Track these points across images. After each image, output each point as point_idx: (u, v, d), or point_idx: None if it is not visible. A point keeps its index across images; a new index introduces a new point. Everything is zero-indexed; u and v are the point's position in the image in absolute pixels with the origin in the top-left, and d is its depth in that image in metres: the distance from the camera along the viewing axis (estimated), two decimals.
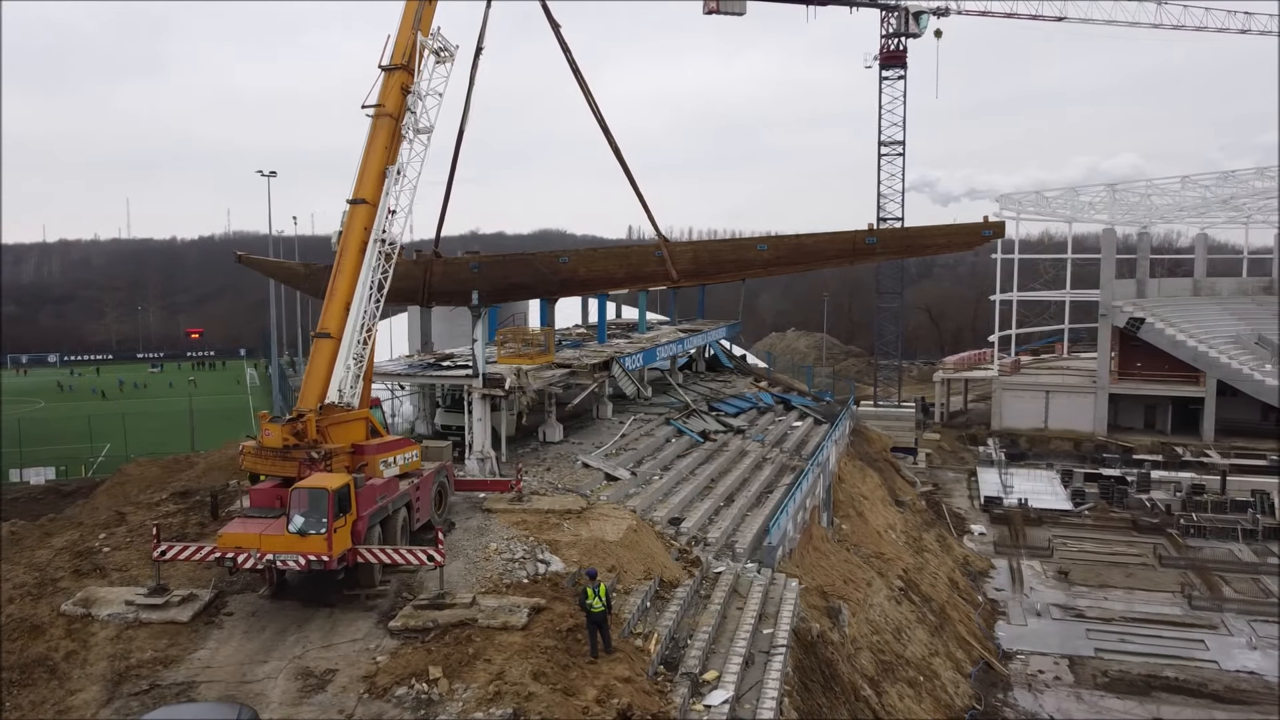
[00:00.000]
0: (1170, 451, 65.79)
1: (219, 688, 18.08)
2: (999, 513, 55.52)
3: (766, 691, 20.66)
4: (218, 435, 75.39)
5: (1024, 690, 35.88)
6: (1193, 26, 67.30)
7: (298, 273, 32.41)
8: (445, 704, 17.43)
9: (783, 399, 48.04)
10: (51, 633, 20.14)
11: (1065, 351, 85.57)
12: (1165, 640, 39.53)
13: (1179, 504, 55.63)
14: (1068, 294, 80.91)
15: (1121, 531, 53.05)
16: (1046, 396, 71.59)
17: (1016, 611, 42.86)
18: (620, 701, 17.92)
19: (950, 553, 46.46)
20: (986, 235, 28.68)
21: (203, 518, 27.14)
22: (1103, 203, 74.70)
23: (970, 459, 68.60)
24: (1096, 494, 57.97)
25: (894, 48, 63.42)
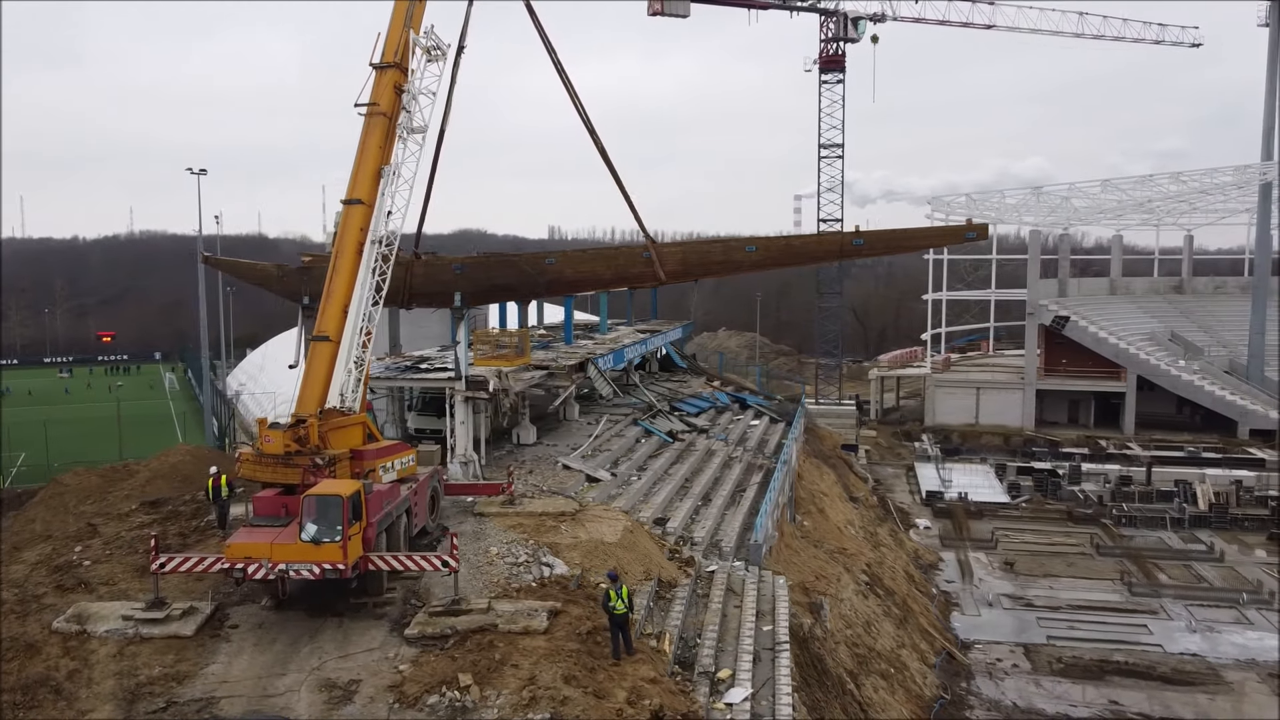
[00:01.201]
0: (1095, 444, 68.42)
1: (241, 703, 17.59)
2: (941, 507, 57.00)
3: (780, 688, 20.96)
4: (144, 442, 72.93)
5: (986, 679, 36.94)
6: (1112, 36, 70.22)
7: (270, 274, 31.59)
8: (480, 711, 17.27)
9: (738, 398, 48.61)
10: (48, 651, 19.32)
11: (991, 349, 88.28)
12: (1111, 626, 41.11)
13: (1109, 495, 57.85)
14: (993, 293, 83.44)
15: (1058, 522, 54.97)
16: (977, 393, 73.73)
17: (969, 602, 44.10)
18: (652, 702, 18.01)
19: (903, 547, 47.60)
20: (970, 237, 29.54)
21: (182, 527, 26.31)
22: (1026, 205, 77.33)
23: (906, 454, 70.26)
24: (1031, 487, 59.99)
25: (833, 52, 64.71)
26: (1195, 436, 69.44)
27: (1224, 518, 53.63)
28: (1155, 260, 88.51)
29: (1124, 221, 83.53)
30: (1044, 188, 73.84)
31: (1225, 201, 79.39)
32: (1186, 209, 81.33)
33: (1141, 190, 72.93)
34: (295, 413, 22.48)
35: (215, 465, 26.79)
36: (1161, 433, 70.47)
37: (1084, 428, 73.43)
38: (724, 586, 25.75)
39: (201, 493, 29.99)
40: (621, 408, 40.88)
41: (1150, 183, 72.52)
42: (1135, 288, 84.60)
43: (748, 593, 25.67)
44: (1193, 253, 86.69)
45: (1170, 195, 74.98)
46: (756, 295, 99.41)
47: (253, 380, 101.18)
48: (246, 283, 35.15)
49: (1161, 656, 38.31)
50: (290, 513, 20.69)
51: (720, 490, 34.15)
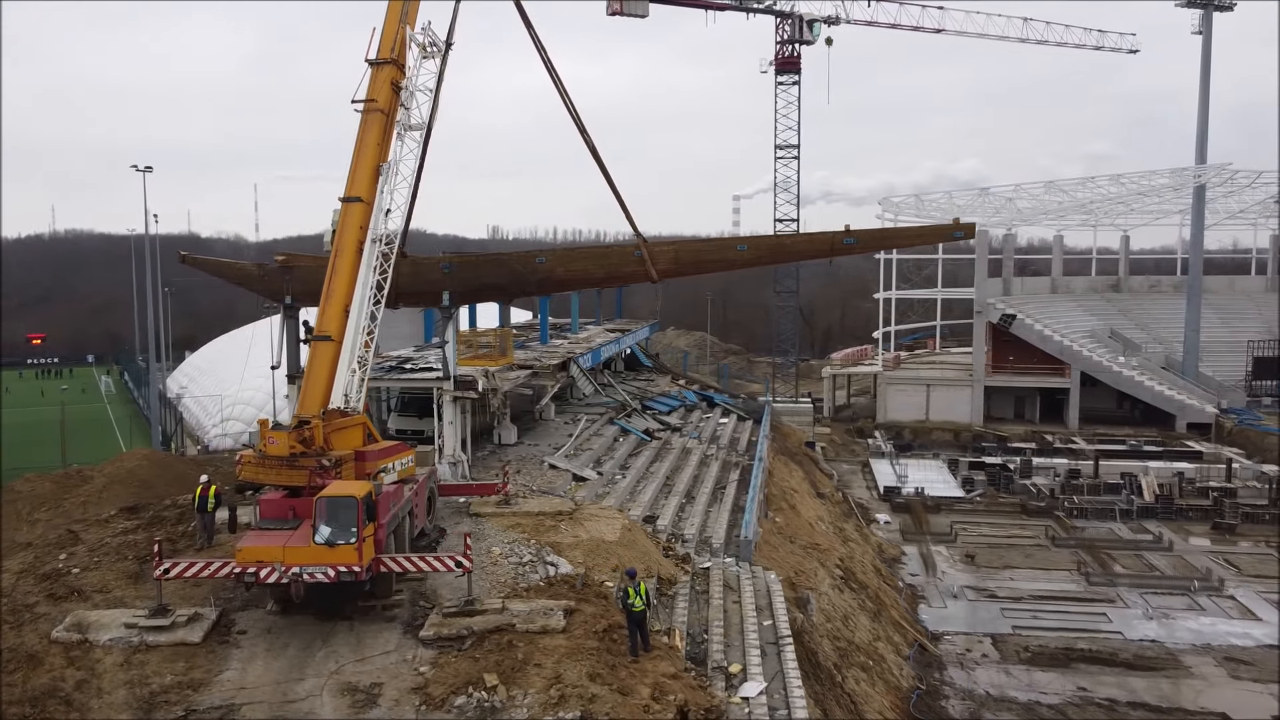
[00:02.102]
0: (1041, 439, 70.24)
1: (262, 709, 17.31)
2: (900, 502, 57.99)
3: (790, 681, 21.25)
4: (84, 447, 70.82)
5: (957, 669, 37.74)
6: (1054, 41, 72.24)
7: (250, 273, 30.94)
8: (509, 711, 17.23)
9: (705, 396, 48.94)
10: (51, 661, 18.76)
11: (937, 347, 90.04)
12: (1072, 615, 42.24)
13: (1059, 488, 59.44)
14: (939, 292, 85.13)
15: (1012, 515, 56.31)
16: (927, 390, 75.15)
17: (934, 595, 44.97)
18: (676, 698, 18.14)
19: (868, 541, 48.38)
20: (957, 236, 30.16)
21: (169, 533, 25.68)
22: (972, 205, 79.08)
23: (860, 451, 71.34)
24: (984, 481, 61.34)
25: (788, 54, 65.49)
26: (1136, 430, 71.72)
27: (1169, 509, 55.43)
28: (1093, 260, 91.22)
29: (1065, 222, 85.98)
30: (990, 188, 75.70)
31: (1160, 203, 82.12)
32: (1123, 210, 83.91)
33: (1083, 191, 75.13)
34: (297, 414, 22.12)
35: (206, 474, 26.07)
36: (1104, 427, 72.59)
37: (1030, 423, 75.33)
38: (721, 583, 25.98)
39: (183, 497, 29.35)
40: (595, 407, 40.91)
41: (1091, 184, 74.74)
42: (1075, 286, 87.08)
43: (744, 588, 25.94)
44: (1129, 253, 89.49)
45: (1110, 197, 77.35)
46: (708, 295, 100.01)
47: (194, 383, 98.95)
48: (227, 281, 34.48)
49: (1122, 643, 39.49)
50: (298, 515, 20.38)
51: (702, 488, 34.42)
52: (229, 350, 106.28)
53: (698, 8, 63.09)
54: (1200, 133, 72.86)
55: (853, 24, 66.21)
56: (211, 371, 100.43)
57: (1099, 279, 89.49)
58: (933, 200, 79.32)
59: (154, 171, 63.08)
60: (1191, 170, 72.78)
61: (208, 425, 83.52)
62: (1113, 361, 74.03)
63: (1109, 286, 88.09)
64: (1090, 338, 77.62)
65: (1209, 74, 72.45)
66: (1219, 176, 74.28)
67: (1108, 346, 77.22)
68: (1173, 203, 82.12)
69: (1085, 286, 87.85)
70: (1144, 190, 75.47)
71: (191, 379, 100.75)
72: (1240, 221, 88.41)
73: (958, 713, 34.52)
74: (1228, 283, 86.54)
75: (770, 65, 65.97)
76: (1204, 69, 72.68)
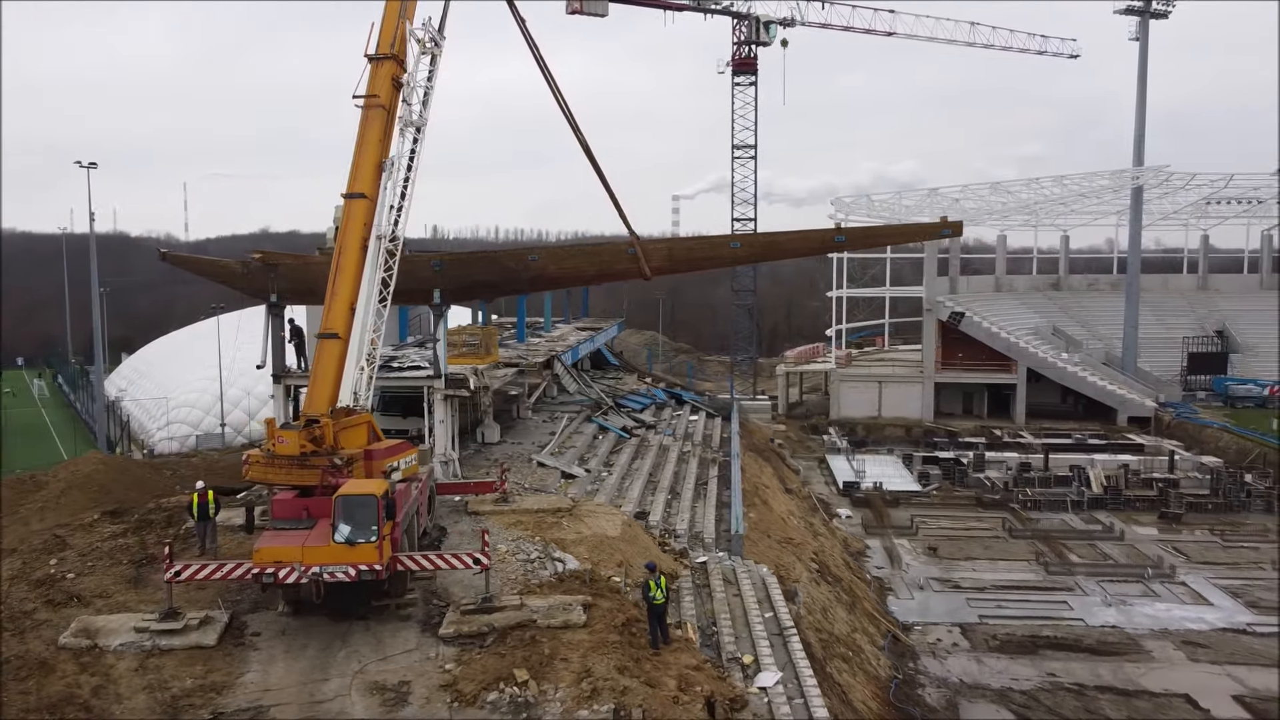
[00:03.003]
0: (990, 434, 72.02)
1: (291, 710, 17.14)
2: (860, 496, 58.91)
3: (802, 671, 21.64)
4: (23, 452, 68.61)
5: (930, 658, 38.57)
6: (1000, 46, 74.10)
7: (234, 271, 30.32)
8: (543, 705, 17.30)
9: (673, 394, 49.26)
10: (63, 669, 18.32)
11: (886, 344, 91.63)
12: (1035, 604, 43.37)
13: (1011, 481, 60.94)
14: (887, 291, 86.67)
15: (968, 508, 57.60)
16: (879, 387, 76.44)
17: (901, 587, 45.84)
18: (702, 689, 18.37)
19: (834, 535, 49.13)
20: (945, 234, 30.83)
21: (160, 536, 25.15)
22: (921, 206, 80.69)
23: (816, 447, 72.30)
24: (939, 475, 62.61)
25: (745, 55, 66.17)
26: (1080, 424, 73.88)
27: (1118, 499, 57.20)
28: (1034, 259, 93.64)
29: (1008, 222, 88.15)
30: (939, 189, 77.29)
31: (1099, 204, 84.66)
32: (1064, 211, 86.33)
33: (1027, 193, 77.20)
34: (305, 412, 21.86)
35: (202, 480, 25.44)
36: (1049, 421, 74.63)
37: (978, 418, 77.15)
38: (720, 576, 26.29)
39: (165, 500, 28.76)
40: (570, 405, 40.96)
41: (1035, 185, 76.82)
42: (1018, 285, 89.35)
43: (742, 582, 26.32)
44: (1069, 252, 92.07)
45: (1052, 198, 79.55)
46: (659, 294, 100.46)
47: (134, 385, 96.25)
48: (209, 279, 33.74)
49: (1085, 630, 40.70)
50: (312, 514, 20.16)
51: (685, 484, 34.73)
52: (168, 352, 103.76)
53: (656, 8, 63.44)
54: (1138, 136, 75.36)
55: (807, 26, 67.22)
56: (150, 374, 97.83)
57: (1040, 277, 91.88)
58: (882, 201, 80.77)
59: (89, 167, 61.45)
60: (1130, 172, 75.19)
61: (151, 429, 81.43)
62: (1056, 358, 76.14)
63: (1050, 285, 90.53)
64: (1034, 335, 79.75)
65: (1146, 79, 74.96)
66: (1156, 178, 76.86)
67: (1051, 343, 79.39)
68: (1110, 204, 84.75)
69: (1027, 285, 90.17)
70: (1085, 192, 77.82)
71: (131, 382, 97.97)
72: (1173, 222, 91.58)
73: (934, 701, 35.31)
74: (1161, 281, 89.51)
75: (727, 66, 66.63)
76: (1141, 74, 75.16)
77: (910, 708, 33.81)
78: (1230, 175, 78.30)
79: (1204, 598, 43.03)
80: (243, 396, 79.31)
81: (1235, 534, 51.76)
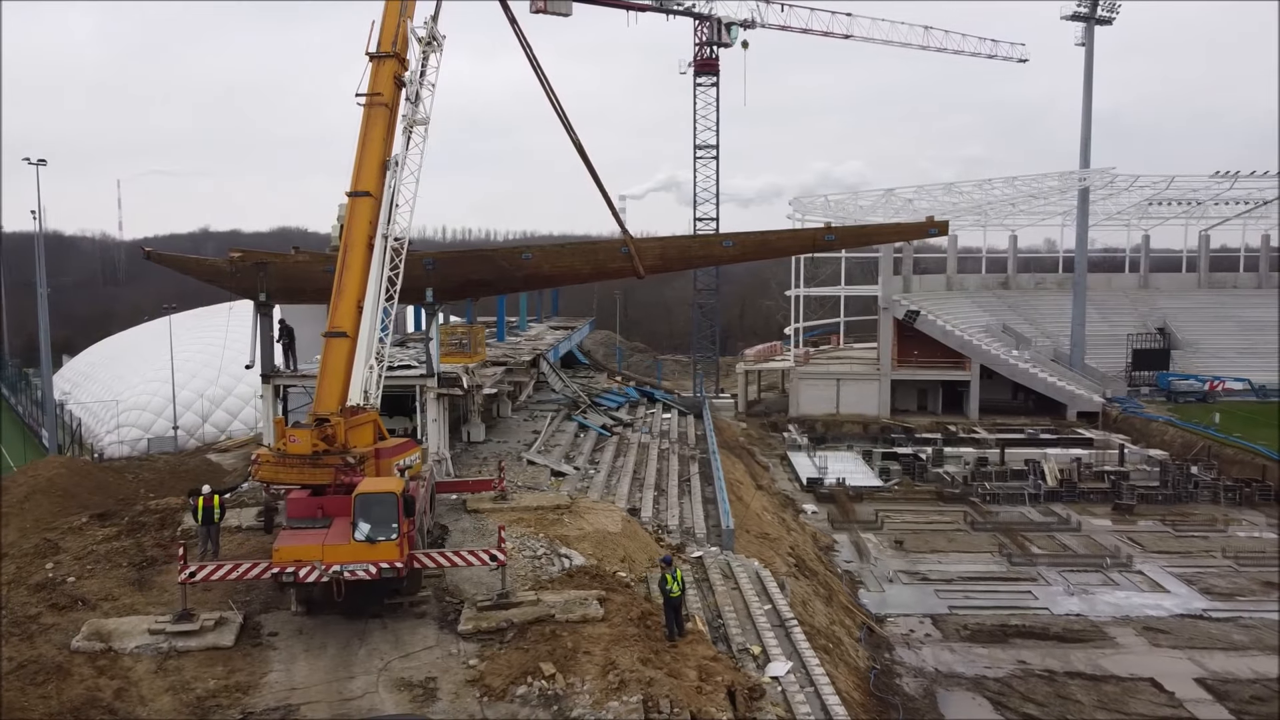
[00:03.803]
0: (945, 430, 73.51)
1: (322, 708, 17.15)
2: (824, 492, 59.74)
3: (809, 660, 22.13)
4: None
5: (905, 648, 39.43)
6: (953, 50, 75.79)
7: (221, 270, 29.88)
8: (572, 698, 17.52)
9: (645, 393, 49.61)
10: (80, 672, 18.10)
11: (841, 342, 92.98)
12: (1001, 594, 44.51)
13: (970, 475, 62.33)
14: (843, 290, 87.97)
15: (930, 502, 58.80)
16: (837, 384, 77.58)
17: (870, 580, 46.73)
18: (723, 679, 18.75)
19: (804, 530, 49.88)
20: (932, 233, 31.59)
21: (156, 538, 24.87)
22: (877, 206, 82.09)
23: (777, 444, 73.09)
24: (900, 470, 63.81)
25: (707, 56, 66.80)
26: (1031, 419, 75.79)
27: (1073, 492, 58.81)
28: (983, 258, 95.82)
29: (960, 222, 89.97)
30: (894, 190, 78.69)
31: (1046, 205, 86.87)
32: (1012, 211, 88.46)
33: (979, 193, 78.98)
34: (315, 411, 21.77)
35: (208, 484, 25.04)
36: (1001, 417, 76.40)
37: (933, 414, 78.70)
38: (717, 570, 26.69)
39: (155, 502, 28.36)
40: (546, 404, 41.09)
41: (987, 186, 78.63)
42: (969, 284, 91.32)
43: (739, 575, 26.73)
44: (1017, 251, 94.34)
45: (1002, 199, 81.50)
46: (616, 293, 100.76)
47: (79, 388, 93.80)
48: (195, 278, 33.20)
49: (1051, 618, 41.89)
50: (327, 513, 20.13)
51: (669, 480, 35.11)
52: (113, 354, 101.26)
53: (619, 8, 63.79)
54: (1084, 138, 77.50)
55: (767, 28, 68.09)
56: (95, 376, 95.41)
57: (989, 276, 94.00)
58: (838, 201, 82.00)
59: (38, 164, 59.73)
60: (1077, 174, 77.32)
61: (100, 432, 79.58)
62: (1008, 355, 78.01)
63: (999, 284, 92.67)
64: (985, 332, 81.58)
65: (1091, 84, 77.17)
66: (1101, 180, 79.14)
67: (1002, 341, 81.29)
68: (1057, 205, 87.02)
69: (978, 284, 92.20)
70: (1035, 193, 79.85)
71: (75, 385, 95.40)
72: (1116, 222, 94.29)
73: (913, 689, 36.14)
74: (1105, 280, 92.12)
75: (689, 67, 67.24)
76: (1087, 79, 77.35)
77: (890, 697, 34.63)
78: (1171, 177, 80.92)
79: (1161, 585, 44.46)
80: (195, 399, 77.86)
81: (1185, 523, 53.55)
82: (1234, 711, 32.16)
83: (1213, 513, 55.12)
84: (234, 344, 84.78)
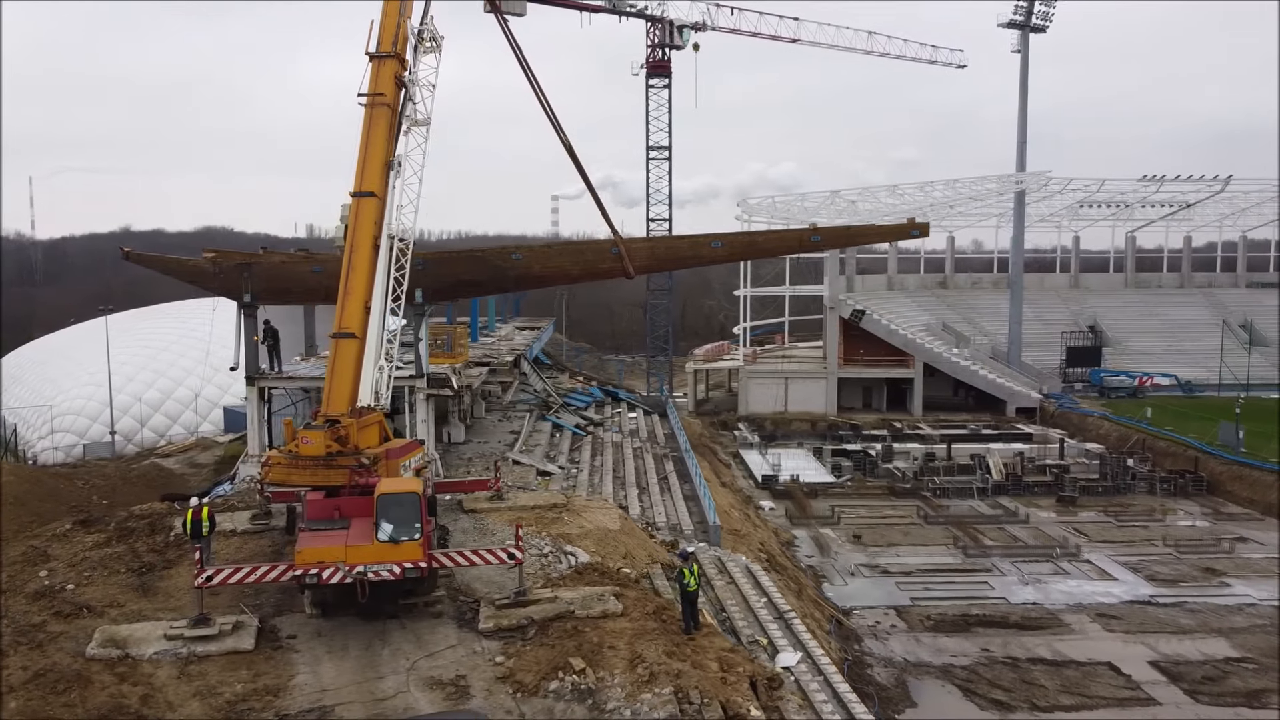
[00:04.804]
0: (891, 426, 75.19)
1: (358, 708, 17.15)
2: (780, 489, 60.71)
3: (814, 650, 22.69)
4: None
5: (873, 640, 40.44)
6: (895, 55, 77.41)
7: (204, 270, 29.26)
8: (605, 691, 17.77)
9: (609, 392, 49.86)
10: (100, 680, 17.79)
11: (786, 341, 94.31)
12: (959, 585, 45.82)
13: (919, 470, 63.90)
14: (788, 289, 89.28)
15: (882, 497, 60.18)
16: (785, 383, 78.80)
17: (833, 574, 47.72)
18: (744, 669, 19.21)
19: (766, 526, 50.69)
20: (914, 235, 32.44)
21: (150, 544, 24.41)
22: (822, 208, 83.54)
23: (728, 442, 73.97)
24: (851, 467, 65.11)
25: (659, 58, 67.27)
26: (973, 415, 77.95)
27: (1018, 485, 60.74)
28: (921, 259, 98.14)
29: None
30: (839, 191, 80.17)
31: (983, 206, 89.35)
32: (950, 213, 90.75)
33: (922, 195, 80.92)
34: (325, 413, 21.64)
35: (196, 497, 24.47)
36: (943, 413, 78.45)
37: (878, 411, 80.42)
38: (712, 565, 27.16)
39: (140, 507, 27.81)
40: (518, 405, 41.14)
41: (929, 188, 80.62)
42: (909, 284, 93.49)
43: (733, 570, 27.22)
44: (954, 252, 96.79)
45: (943, 200, 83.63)
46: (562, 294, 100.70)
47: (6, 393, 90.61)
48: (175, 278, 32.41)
49: (1009, 607, 43.29)
50: (344, 514, 20.07)
51: (649, 478, 35.47)
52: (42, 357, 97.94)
53: (573, 9, 63.94)
54: (1020, 142, 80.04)
55: (718, 31, 68.83)
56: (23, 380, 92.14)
57: (928, 276, 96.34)
58: (785, 203, 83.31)
59: None
60: (1014, 177, 79.74)
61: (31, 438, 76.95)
62: (949, 353, 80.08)
63: (938, 284, 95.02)
64: (926, 331, 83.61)
65: (1027, 89, 79.71)
66: (1037, 183, 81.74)
67: (942, 339, 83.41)
68: (994, 206, 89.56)
69: (917, 283, 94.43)
70: (974, 195, 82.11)
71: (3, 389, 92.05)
72: (1048, 224, 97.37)
73: (884, 679, 37.12)
74: (1038, 280, 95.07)
75: (642, 68, 67.63)
76: (1022, 84, 79.89)
77: (864, 687, 35.54)
78: (1102, 180, 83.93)
79: (1109, 574, 46.21)
80: (132, 403, 75.86)
81: (1126, 514, 55.74)
82: (1188, 692, 33.67)
83: (1150, 503, 57.44)
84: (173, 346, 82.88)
